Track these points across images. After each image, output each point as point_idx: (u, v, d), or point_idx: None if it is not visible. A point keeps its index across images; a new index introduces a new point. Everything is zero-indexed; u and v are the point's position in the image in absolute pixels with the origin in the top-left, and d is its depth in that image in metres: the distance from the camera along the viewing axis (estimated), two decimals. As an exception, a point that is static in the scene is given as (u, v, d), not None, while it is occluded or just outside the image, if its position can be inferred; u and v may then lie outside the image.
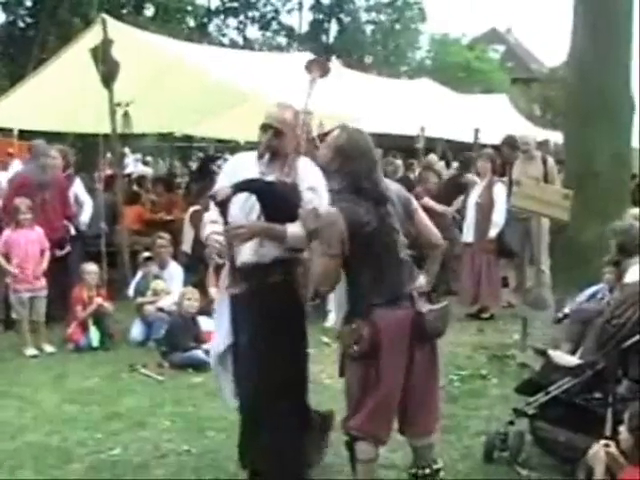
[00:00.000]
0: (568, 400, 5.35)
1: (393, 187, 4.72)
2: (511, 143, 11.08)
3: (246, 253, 4.71)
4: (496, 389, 7.16)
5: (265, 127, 4.81)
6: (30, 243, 8.73)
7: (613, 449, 4.25)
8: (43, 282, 8.75)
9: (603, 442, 4.34)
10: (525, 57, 53.81)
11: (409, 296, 4.50)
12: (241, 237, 4.62)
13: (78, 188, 10.48)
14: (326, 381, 7.44)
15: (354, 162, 4.52)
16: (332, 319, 9.80)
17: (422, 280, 4.65)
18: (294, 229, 4.58)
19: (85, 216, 10.38)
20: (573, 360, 5.67)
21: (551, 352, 5.80)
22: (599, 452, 4.31)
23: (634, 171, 12.83)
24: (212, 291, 9.48)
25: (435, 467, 4.73)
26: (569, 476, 5.14)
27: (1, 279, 9.17)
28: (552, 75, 36.10)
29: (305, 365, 5.16)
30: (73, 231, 9.88)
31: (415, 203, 4.80)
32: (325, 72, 5.49)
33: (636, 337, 5.18)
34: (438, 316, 4.57)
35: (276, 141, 4.78)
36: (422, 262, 4.83)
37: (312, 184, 4.74)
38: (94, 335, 8.69)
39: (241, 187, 4.60)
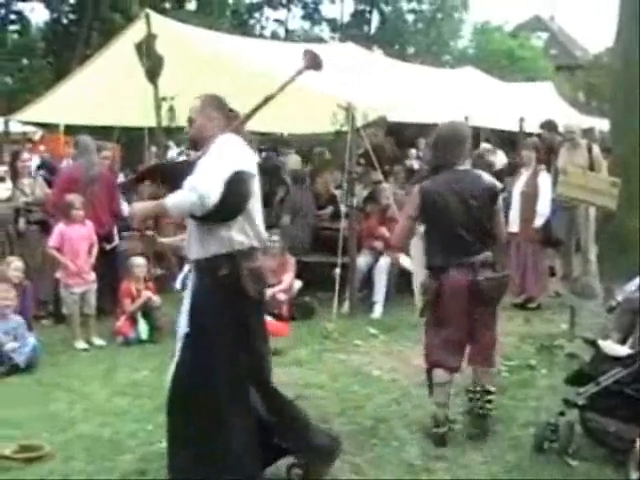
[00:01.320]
0: (619, 390, 5.30)
1: (486, 180, 5.75)
2: (550, 126, 11.00)
3: (193, 248, 4.87)
4: (545, 380, 7.14)
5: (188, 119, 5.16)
6: (81, 238, 8.86)
7: None
8: (93, 276, 8.87)
9: None
10: (569, 44, 53.21)
11: (470, 265, 5.60)
12: (137, 220, 5.02)
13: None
14: (375, 372, 7.48)
15: (439, 151, 5.85)
16: (378, 311, 9.82)
17: (488, 254, 5.67)
18: (171, 199, 4.54)
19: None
20: (623, 350, 5.63)
21: (601, 342, 5.74)
22: None
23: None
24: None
25: (489, 389, 5.86)
26: (620, 467, 5.12)
27: (51, 274, 9.30)
28: (596, 62, 35.72)
29: (253, 363, 4.88)
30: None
31: (500, 201, 5.80)
32: (316, 67, 5.61)
33: (688, 326, 5.15)
34: (493, 283, 5.66)
35: (190, 128, 5.06)
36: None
37: (207, 158, 4.65)
38: (143, 328, 8.80)
39: (143, 173, 5.32)
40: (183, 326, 4.99)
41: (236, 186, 4.57)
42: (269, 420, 4.97)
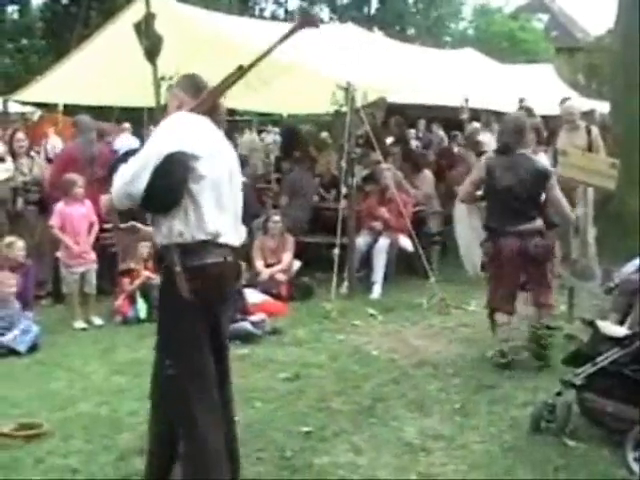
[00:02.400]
0: (616, 371, 5.31)
1: (538, 163, 7.08)
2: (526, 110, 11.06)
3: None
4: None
5: None
6: (81, 217, 8.87)
7: None
8: (93, 256, 8.88)
9: None
10: (569, 26, 52.98)
11: (520, 233, 6.82)
12: (104, 213, 4.75)
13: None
14: (373, 352, 7.51)
15: (502, 137, 7.20)
16: (377, 291, 9.84)
17: (537, 224, 6.88)
18: (112, 189, 4.24)
19: None
20: (621, 331, 5.63)
21: (599, 323, 5.76)
22: None
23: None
24: (258, 264, 9.58)
25: (549, 325, 7.02)
26: (617, 447, 5.14)
27: (49, 254, 9.31)
28: (597, 44, 35.57)
29: (181, 374, 4.27)
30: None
31: (552, 181, 6.99)
32: (312, 24, 5.14)
33: (686, 307, 5.16)
34: (540, 250, 6.85)
35: None
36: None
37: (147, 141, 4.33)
38: (141, 307, 8.80)
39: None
40: None
41: (167, 169, 4.06)
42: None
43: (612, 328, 5.71)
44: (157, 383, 4.55)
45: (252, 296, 8.77)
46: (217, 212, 4.23)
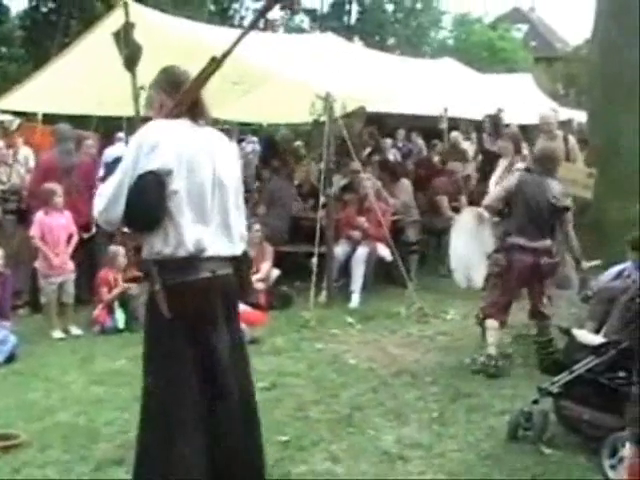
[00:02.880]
0: (592, 379, 5.36)
1: (565, 192, 7.39)
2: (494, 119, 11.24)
3: None
4: (521, 368, 7.19)
5: None
6: (61, 227, 8.83)
7: None
8: (71, 266, 8.85)
9: None
10: (548, 36, 53.36)
11: (534, 250, 7.09)
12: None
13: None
14: (351, 361, 7.52)
15: (537, 161, 7.61)
16: (356, 300, 9.85)
17: (548, 242, 7.17)
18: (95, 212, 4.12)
19: None
20: (597, 339, 5.69)
21: (575, 331, 5.82)
22: None
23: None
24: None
25: (550, 337, 7.20)
26: (593, 454, 5.17)
27: (27, 263, 9.26)
28: (575, 53, 35.80)
29: (160, 390, 4.10)
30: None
31: (569, 216, 7.42)
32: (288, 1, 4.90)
33: (661, 315, 5.20)
34: (549, 267, 7.19)
35: None
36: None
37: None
38: (120, 317, 8.77)
39: None
40: None
41: (140, 191, 3.87)
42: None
43: (588, 336, 5.77)
44: None
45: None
46: (199, 226, 3.99)
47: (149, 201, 3.89)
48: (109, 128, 14.99)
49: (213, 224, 4.05)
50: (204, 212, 4.01)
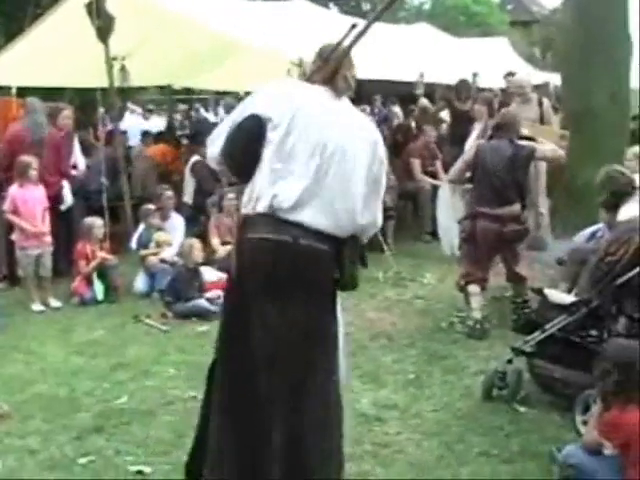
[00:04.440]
0: (564, 338, 5.45)
1: (526, 145, 7.45)
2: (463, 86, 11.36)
3: None
4: (495, 330, 7.26)
5: None
6: (35, 200, 8.77)
7: None
8: (49, 238, 8.81)
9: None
10: (525, -1, 53.15)
11: (499, 216, 7.16)
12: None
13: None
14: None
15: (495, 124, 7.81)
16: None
17: (515, 208, 7.23)
18: None
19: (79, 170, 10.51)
20: (568, 298, 5.76)
21: (547, 291, 5.89)
22: None
23: (634, 112, 12.79)
24: (214, 242, 9.59)
25: (526, 298, 7.31)
26: (566, 412, 5.26)
27: (4, 236, 9.24)
28: (552, 17, 35.74)
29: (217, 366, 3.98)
30: (68, 188, 9.84)
31: (537, 154, 7.55)
32: None
33: (629, 274, 5.27)
34: (515, 234, 7.29)
35: None
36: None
37: None
38: (98, 288, 8.77)
39: None
40: None
41: (237, 134, 3.80)
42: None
43: (559, 296, 5.84)
44: None
45: (209, 274, 8.79)
46: (283, 184, 3.70)
47: (245, 141, 3.78)
48: (84, 100, 14.90)
49: (301, 188, 3.72)
50: (294, 171, 3.73)
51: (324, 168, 3.73)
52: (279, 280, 3.65)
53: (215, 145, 3.89)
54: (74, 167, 10.27)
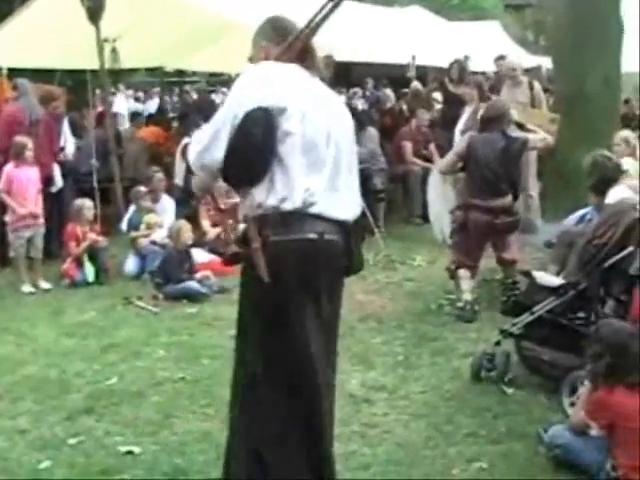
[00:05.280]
0: (552, 320, 5.48)
1: (518, 135, 7.56)
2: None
3: None
4: (485, 312, 7.29)
5: None
6: (30, 181, 8.76)
7: None
8: (41, 220, 8.81)
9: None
10: (518, -18, 52.95)
11: (491, 209, 7.21)
12: (199, 194, 4.33)
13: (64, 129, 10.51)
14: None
15: (485, 117, 7.68)
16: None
17: (505, 200, 7.31)
18: (190, 161, 3.70)
19: (68, 152, 10.45)
20: (556, 280, 5.78)
21: (535, 273, 5.91)
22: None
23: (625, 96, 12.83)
24: (204, 224, 9.60)
25: (515, 280, 7.28)
26: (553, 393, 5.30)
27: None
28: (545, 0, 35.66)
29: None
30: (58, 170, 9.82)
31: (530, 144, 7.63)
32: None
33: (617, 257, 5.30)
34: (507, 225, 7.34)
35: None
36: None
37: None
38: (89, 270, 8.77)
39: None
40: None
41: (246, 131, 3.39)
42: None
43: (547, 278, 5.86)
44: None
45: (199, 256, 8.81)
46: (312, 176, 3.47)
47: (256, 142, 3.39)
48: (74, 81, 14.82)
49: (325, 179, 3.52)
50: (317, 161, 3.50)
51: (338, 157, 3.59)
52: (310, 278, 3.49)
53: (211, 152, 3.47)
54: (61, 149, 10.21)
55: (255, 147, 3.38)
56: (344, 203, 3.59)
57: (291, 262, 3.43)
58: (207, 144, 3.47)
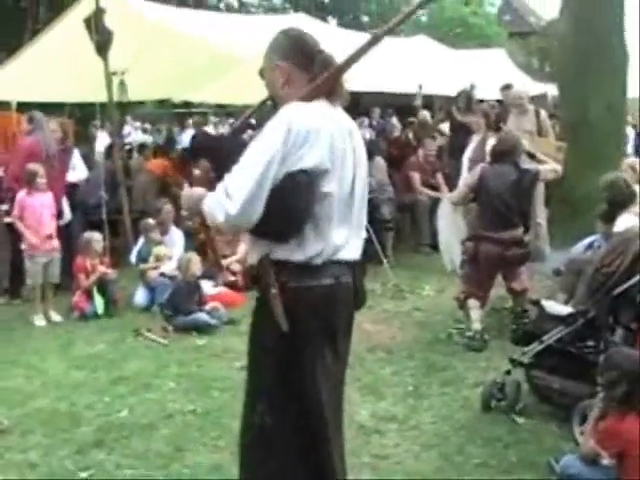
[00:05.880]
0: (562, 348, 5.48)
1: (529, 167, 7.67)
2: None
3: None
4: (495, 341, 7.28)
5: None
6: (44, 206, 8.79)
7: None
8: (57, 242, 8.85)
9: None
10: (522, 10, 53.23)
11: (502, 241, 7.26)
12: (187, 212, 3.68)
13: (76, 159, 10.57)
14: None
15: (497, 146, 7.79)
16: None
17: (516, 232, 7.36)
18: (206, 204, 3.35)
19: (77, 176, 10.52)
20: (565, 309, 5.78)
21: (544, 302, 5.91)
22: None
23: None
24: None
25: (525, 309, 7.09)
26: (564, 422, 5.29)
27: (8, 249, 9.26)
28: (549, 27, 35.82)
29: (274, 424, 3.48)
30: (66, 203, 9.87)
31: (541, 176, 7.76)
32: None
33: (625, 285, 5.30)
34: (518, 257, 7.38)
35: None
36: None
37: (257, 140, 3.30)
38: (99, 302, 8.80)
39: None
40: None
41: (287, 194, 3.18)
42: None
43: (557, 307, 5.86)
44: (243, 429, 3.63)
45: (208, 287, 8.84)
46: (343, 230, 3.38)
47: (298, 206, 3.21)
48: (84, 113, 14.97)
49: (350, 228, 3.43)
50: (347, 213, 3.40)
51: (359, 198, 3.47)
52: (328, 322, 3.40)
53: (248, 215, 3.18)
54: (73, 185, 10.27)
55: (293, 210, 3.21)
56: (356, 243, 3.49)
57: (310, 309, 3.33)
58: (245, 205, 3.15)
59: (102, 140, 14.13)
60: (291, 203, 3.19)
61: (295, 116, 3.22)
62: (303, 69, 3.44)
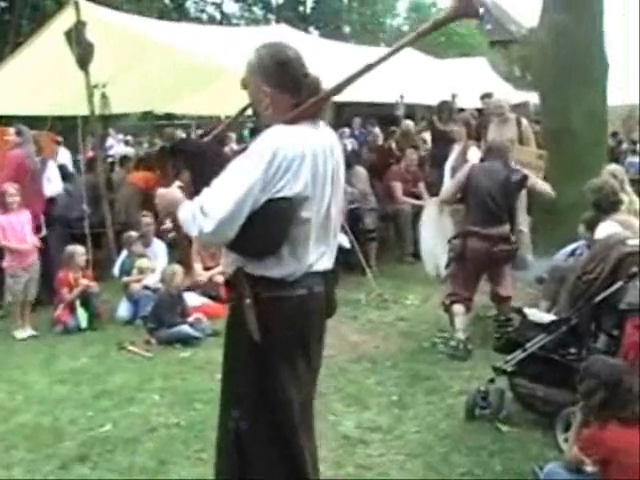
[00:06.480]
0: (545, 356, 5.49)
1: (518, 171, 7.66)
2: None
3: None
4: (478, 350, 7.28)
5: None
6: (22, 223, 8.77)
7: None
8: (38, 263, 8.84)
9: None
10: (503, 18, 53.42)
11: (490, 237, 7.27)
12: (163, 213, 3.89)
13: (51, 172, 10.52)
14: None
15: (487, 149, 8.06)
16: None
17: (504, 228, 7.37)
18: (181, 213, 3.39)
19: (51, 191, 10.40)
20: (547, 317, 5.79)
21: (527, 310, 5.93)
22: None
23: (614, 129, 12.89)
24: (197, 267, 9.60)
25: (509, 317, 7.34)
26: (548, 430, 5.30)
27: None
28: (531, 36, 35.97)
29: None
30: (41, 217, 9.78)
31: (529, 181, 7.66)
32: (471, 12, 3.53)
33: (607, 292, 5.32)
34: (504, 253, 7.40)
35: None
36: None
37: (240, 159, 3.30)
38: (82, 316, 8.75)
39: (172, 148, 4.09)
40: None
41: (266, 220, 3.23)
42: None
43: (539, 315, 5.88)
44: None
45: (191, 299, 8.81)
46: (320, 248, 3.47)
47: (275, 231, 3.28)
48: (65, 127, 14.91)
49: (327, 244, 3.53)
50: (325, 233, 3.49)
51: (335, 213, 3.54)
52: (301, 332, 3.46)
53: (224, 234, 3.23)
54: (50, 200, 10.23)
55: (271, 235, 3.27)
56: (330, 253, 3.56)
57: (284, 319, 3.38)
58: (221, 225, 3.19)
59: (62, 155, 14.12)
60: (270, 228, 3.26)
61: (281, 142, 3.26)
62: (289, 95, 3.46)
